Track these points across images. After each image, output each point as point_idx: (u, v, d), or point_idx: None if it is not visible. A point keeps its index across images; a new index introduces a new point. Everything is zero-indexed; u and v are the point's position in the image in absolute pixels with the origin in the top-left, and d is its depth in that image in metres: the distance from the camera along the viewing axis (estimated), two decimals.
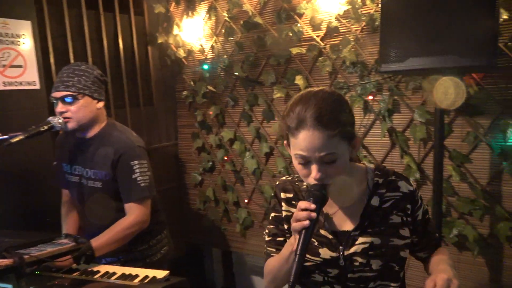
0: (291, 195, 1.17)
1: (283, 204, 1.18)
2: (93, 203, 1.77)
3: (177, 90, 3.16)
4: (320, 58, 2.41)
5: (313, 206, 0.95)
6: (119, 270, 1.57)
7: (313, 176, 1.00)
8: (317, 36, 2.41)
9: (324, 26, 2.37)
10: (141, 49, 2.95)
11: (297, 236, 0.96)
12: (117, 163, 1.69)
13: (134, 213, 1.69)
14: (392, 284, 1.11)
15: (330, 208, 1.13)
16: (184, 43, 2.98)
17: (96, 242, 1.60)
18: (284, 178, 1.23)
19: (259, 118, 2.75)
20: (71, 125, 1.68)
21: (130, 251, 1.79)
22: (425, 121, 2.13)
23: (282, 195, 1.18)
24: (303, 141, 0.98)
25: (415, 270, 2.19)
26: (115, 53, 2.76)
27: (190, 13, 2.89)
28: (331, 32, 2.34)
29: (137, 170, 1.69)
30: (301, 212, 0.96)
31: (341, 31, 2.33)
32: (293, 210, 1.13)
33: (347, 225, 1.11)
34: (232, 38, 2.75)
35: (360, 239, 1.08)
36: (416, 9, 1.61)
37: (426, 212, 1.16)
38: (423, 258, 1.22)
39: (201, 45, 2.91)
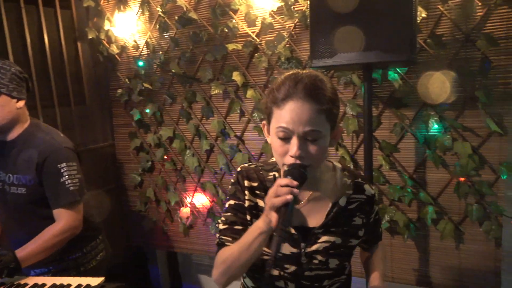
0: (255, 184, 1.10)
1: (246, 192, 1.10)
2: (18, 211, 1.65)
3: (111, 88, 3.03)
4: (256, 54, 2.43)
5: (295, 182, 0.91)
6: (49, 280, 1.49)
7: (292, 152, 0.94)
8: (253, 32, 2.43)
9: (259, 22, 2.39)
10: (69, 45, 2.78)
11: (273, 214, 0.91)
12: (43, 167, 1.58)
13: (64, 218, 1.58)
14: (336, 279, 1.15)
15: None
16: (117, 39, 2.86)
17: (22, 252, 1.49)
18: (247, 165, 1.15)
19: (198, 115, 2.72)
20: None
21: (62, 260, 1.69)
22: (356, 114, 2.23)
23: (246, 183, 1.10)
24: (289, 112, 0.94)
25: None
26: (40, 49, 2.58)
27: (122, 7, 2.78)
28: (266, 28, 2.36)
29: (65, 174, 1.59)
30: (282, 188, 0.90)
31: (275, 27, 2.36)
32: (257, 200, 1.09)
33: (312, 222, 1.08)
34: (167, 34, 2.69)
35: (323, 238, 1.07)
36: (342, 7, 1.67)
37: (378, 212, 1.22)
38: (364, 247, 1.31)
39: (135, 41, 2.81)
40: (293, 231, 1.07)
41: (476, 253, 2.15)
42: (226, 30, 2.45)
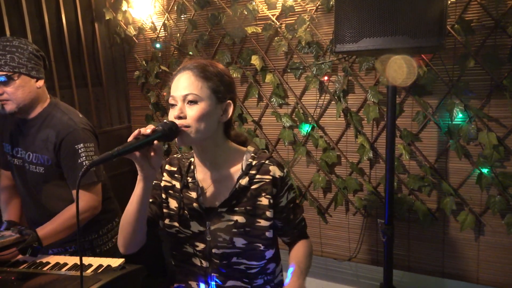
0: (175, 169, 1.23)
1: (164, 174, 1.24)
2: (37, 190, 1.66)
3: (129, 70, 3.02)
4: (275, 38, 2.38)
5: (152, 126, 1.00)
6: (71, 260, 1.50)
7: (174, 113, 1.06)
8: (273, 15, 2.37)
9: (279, 5, 2.33)
10: (87, 26, 2.76)
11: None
12: (60, 147, 1.57)
13: (83, 199, 1.58)
14: (254, 263, 1.16)
15: (205, 182, 1.18)
16: (134, 20, 2.83)
17: (43, 230, 1.50)
18: (175, 155, 1.29)
19: None
20: (9, 107, 1.54)
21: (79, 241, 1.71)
22: (377, 101, 2.18)
23: (167, 167, 1.25)
24: (176, 82, 1.09)
25: None
26: (58, 30, 2.57)
27: None
28: (286, 11, 2.31)
29: (83, 154, 1.58)
30: (140, 129, 1.00)
31: (296, 10, 2.30)
32: (174, 182, 1.21)
33: (217, 202, 1.16)
34: (185, 16, 2.65)
35: (226, 216, 1.13)
36: None
37: (292, 200, 1.20)
38: (287, 242, 1.28)
39: (153, 23, 2.78)
40: (200, 210, 1.15)
41: (496, 246, 2.11)
42: (246, 13, 2.40)
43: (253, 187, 1.14)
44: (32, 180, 1.65)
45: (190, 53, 2.64)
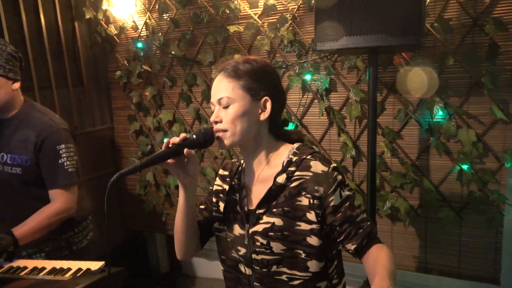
0: (226, 173, 1.21)
1: (217, 179, 1.23)
2: (12, 190, 1.63)
3: (110, 70, 2.97)
4: (258, 37, 2.37)
5: (184, 135, 1.00)
6: (49, 264, 1.47)
7: (212, 119, 1.06)
8: (255, 13, 2.36)
9: (261, 4, 2.33)
10: (66, 25, 2.71)
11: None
12: (41, 148, 1.56)
13: (60, 199, 1.58)
14: (298, 274, 1.03)
15: (250, 183, 1.13)
16: (115, 19, 2.79)
17: (18, 231, 1.48)
18: (230, 161, 1.26)
19: (199, 99, 2.67)
20: None
21: (55, 239, 1.69)
22: (360, 100, 2.19)
23: (221, 171, 1.23)
24: (212, 87, 1.09)
25: None
26: (36, 29, 2.51)
27: None
28: (269, 10, 2.30)
29: (64, 155, 1.58)
30: (173, 139, 1.01)
31: (278, 9, 2.30)
32: (225, 186, 1.18)
33: (256, 203, 1.08)
34: (167, 15, 2.62)
35: (265, 218, 1.05)
36: None
37: (347, 198, 1.01)
38: (354, 252, 1.02)
39: (134, 22, 2.74)
40: (242, 213, 1.10)
41: (476, 241, 2.14)
42: (228, 11, 2.39)
43: (292, 185, 1.02)
44: (7, 181, 1.62)
45: (173, 52, 2.62)
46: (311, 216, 1.00)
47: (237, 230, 1.11)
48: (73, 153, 1.62)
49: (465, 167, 2.04)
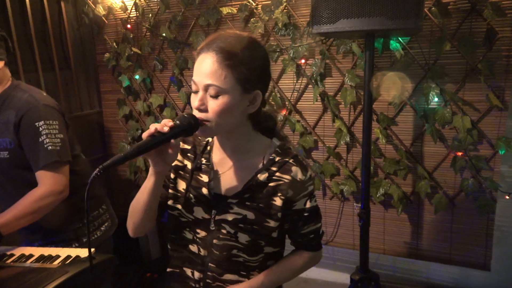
0: (188, 147, 1.13)
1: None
2: (3, 176, 1.55)
3: (98, 52, 2.89)
4: (252, 19, 2.31)
5: (171, 123, 0.90)
6: (37, 251, 1.42)
7: (194, 104, 0.95)
8: None
9: None
10: (52, 6, 2.60)
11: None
12: (19, 126, 1.44)
13: (45, 182, 1.46)
14: (254, 258, 1.09)
15: (220, 167, 1.09)
16: None
17: (1, 218, 1.39)
18: None
19: (190, 83, 2.61)
20: None
21: (61, 231, 1.60)
22: (355, 85, 2.16)
23: (181, 144, 1.14)
24: (198, 64, 0.95)
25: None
26: (20, 9, 2.41)
27: None
28: None
29: (44, 132, 1.45)
30: (156, 124, 0.90)
31: None
32: (186, 162, 1.12)
33: (229, 191, 1.07)
34: None
35: (235, 209, 1.04)
36: None
37: (309, 209, 1.07)
38: (292, 245, 1.19)
39: (123, 2, 2.65)
40: (209, 197, 1.06)
41: (468, 227, 2.15)
42: None
43: (270, 184, 1.04)
44: None
45: (163, 34, 2.54)
46: (280, 215, 1.05)
47: (200, 213, 1.08)
48: (57, 131, 1.49)
49: (459, 154, 2.04)
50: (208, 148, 1.11)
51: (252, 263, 1.09)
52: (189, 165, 1.11)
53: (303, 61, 2.27)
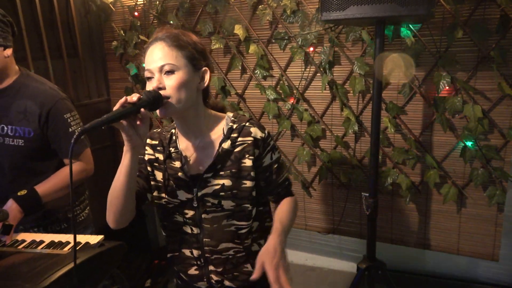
0: (156, 142, 1.24)
1: (147, 148, 1.25)
2: (12, 163, 1.58)
3: (106, 40, 2.88)
4: (259, 6, 2.28)
5: (138, 95, 1.00)
6: (48, 237, 1.45)
7: (153, 85, 1.06)
8: None
9: None
10: None
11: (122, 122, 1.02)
12: (47, 119, 1.53)
13: (78, 164, 1.60)
14: (244, 223, 1.18)
15: (188, 151, 1.19)
16: None
17: (42, 187, 1.50)
18: (154, 130, 1.29)
19: None
20: None
21: (53, 212, 1.66)
22: (364, 74, 2.13)
23: (148, 141, 1.25)
24: (149, 55, 1.08)
25: None
26: None
27: None
28: None
29: (73, 123, 1.58)
30: (126, 97, 1.00)
31: None
32: (157, 155, 1.22)
33: (202, 168, 1.17)
34: None
35: (212, 181, 1.15)
36: None
37: (276, 160, 1.20)
38: (272, 201, 1.29)
39: None
40: (187, 179, 1.16)
41: (477, 218, 2.14)
42: None
43: (236, 150, 1.15)
44: (9, 154, 1.57)
45: (171, 22, 2.52)
46: (253, 173, 1.15)
47: (183, 195, 1.17)
48: (79, 120, 1.63)
49: (469, 143, 2.01)
50: (174, 138, 1.22)
51: (244, 228, 1.19)
52: (160, 157, 1.22)
53: (311, 49, 2.24)
